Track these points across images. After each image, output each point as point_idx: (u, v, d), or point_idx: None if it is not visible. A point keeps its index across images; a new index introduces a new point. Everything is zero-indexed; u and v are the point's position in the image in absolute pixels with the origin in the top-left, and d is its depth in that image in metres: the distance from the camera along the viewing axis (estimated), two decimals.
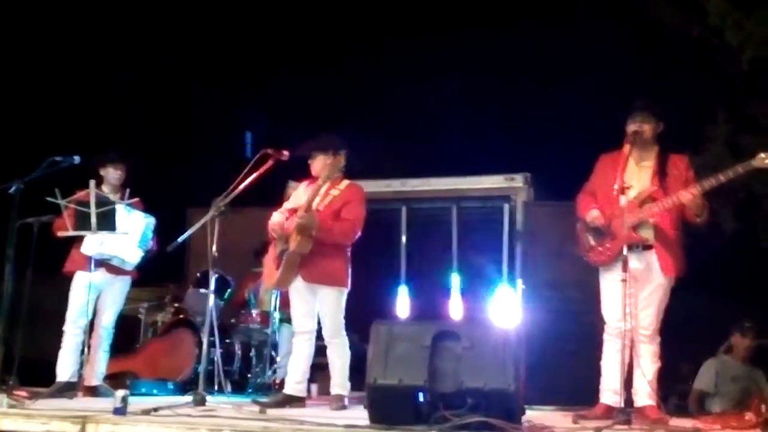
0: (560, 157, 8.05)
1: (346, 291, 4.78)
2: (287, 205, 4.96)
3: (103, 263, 5.22)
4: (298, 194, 4.96)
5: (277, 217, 4.86)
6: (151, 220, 5.39)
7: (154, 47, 9.53)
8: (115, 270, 5.31)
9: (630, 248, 4.21)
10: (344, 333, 4.76)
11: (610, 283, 4.41)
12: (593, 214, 4.43)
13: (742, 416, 4.29)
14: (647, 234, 4.30)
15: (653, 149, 4.47)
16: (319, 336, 4.88)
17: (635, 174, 4.40)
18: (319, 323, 4.83)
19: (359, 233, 4.78)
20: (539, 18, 9.00)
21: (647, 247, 4.31)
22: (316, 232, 4.61)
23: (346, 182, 4.88)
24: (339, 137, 4.95)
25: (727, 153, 7.32)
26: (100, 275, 5.21)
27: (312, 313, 4.80)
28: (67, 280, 5.29)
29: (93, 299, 5.14)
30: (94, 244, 5.09)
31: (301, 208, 4.65)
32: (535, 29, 8.88)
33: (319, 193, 4.63)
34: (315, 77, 9.69)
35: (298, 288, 4.78)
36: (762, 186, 7.26)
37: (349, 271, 4.80)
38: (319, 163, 4.82)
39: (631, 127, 4.40)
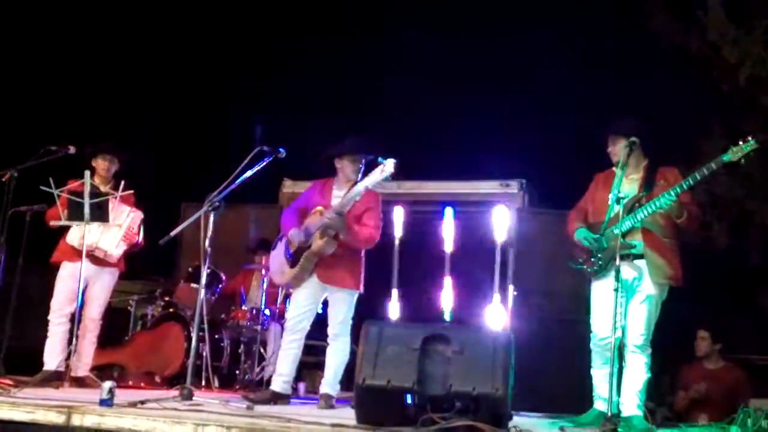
0: (555, 166, 8.07)
1: (358, 294, 4.77)
2: (297, 204, 4.95)
3: (88, 254, 5.19)
4: (312, 194, 4.92)
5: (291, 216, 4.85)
6: (137, 215, 5.35)
7: (152, 39, 9.52)
8: (100, 262, 5.27)
9: (621, 258, 4.22)
10: (349, 335, 4.73)
11: (599, 292, 4.42)
12: (580, 234, 4.47)
13: None
14: (636, 242, 4.30)
15: (642, 163, 4.48)
16: (311, 336, 4.87)
17: (625, 187, 4.40)
18: (324, 321, 4.82)
19: (378, 239, 4.76)
20: (538, 27, 9.05)
21: (638, 256, 4.31)
22: (344, 235, 4.59)
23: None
24: (369, 141, 4.86)
25: (721, 168, 7.32)
26: (87, 266, 5.18)
27: (312, 314, 4.78)
28: (56, 270, 5.27)
29: (81, 290, 5.12)
30: (77, 234, 5.07)
31: (331, 209, 4.60)
32: (535, 37, 8.92)
33: (355, 198, 4.54)
34: (314, 76, 9.70)
35: (308, 287, 4.74)
36: (754, 201, 7.28)
37: (363, 274, 4.79)
38: (348, 167, 4.78)
39: (608, 149, 4.51)
